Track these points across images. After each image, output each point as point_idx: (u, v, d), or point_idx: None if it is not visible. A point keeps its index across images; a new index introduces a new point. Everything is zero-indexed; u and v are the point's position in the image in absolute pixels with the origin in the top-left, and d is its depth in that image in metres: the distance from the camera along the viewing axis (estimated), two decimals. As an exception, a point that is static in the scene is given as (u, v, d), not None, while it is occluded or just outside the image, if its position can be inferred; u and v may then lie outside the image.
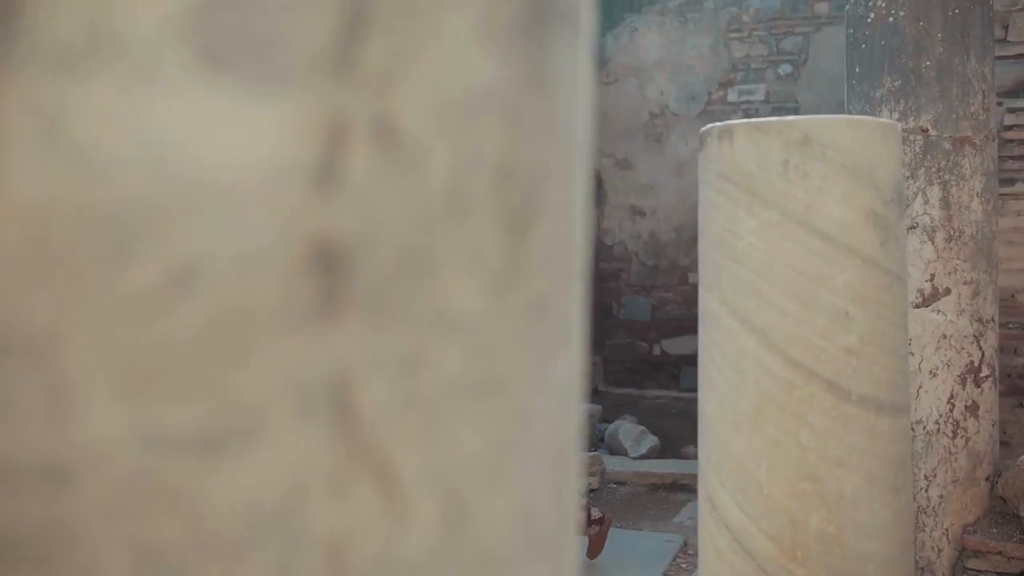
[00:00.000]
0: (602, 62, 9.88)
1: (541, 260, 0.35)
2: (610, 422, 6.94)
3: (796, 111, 8.74)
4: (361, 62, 0.29)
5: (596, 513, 4.35)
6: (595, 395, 9.36)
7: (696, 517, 4.82)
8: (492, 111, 0.32)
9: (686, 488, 5.58)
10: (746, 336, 1.76)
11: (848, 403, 1.70)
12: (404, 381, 0.30)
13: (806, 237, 1.70)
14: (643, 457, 5.94)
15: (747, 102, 9.55)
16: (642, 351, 9.74)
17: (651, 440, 6.14)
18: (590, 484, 5.35)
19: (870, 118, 1.89)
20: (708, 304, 1.85)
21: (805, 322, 1.71)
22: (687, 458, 6.50)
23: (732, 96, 9.69)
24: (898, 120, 3.10)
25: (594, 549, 4.27)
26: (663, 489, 5.54)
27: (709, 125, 1.86)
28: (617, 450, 6.20)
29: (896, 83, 3.06)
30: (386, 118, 0.29)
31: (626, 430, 6.33)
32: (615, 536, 4.43)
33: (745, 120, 1.79)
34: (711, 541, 1.86)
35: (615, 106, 9.86)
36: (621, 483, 5.61)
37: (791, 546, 1.72)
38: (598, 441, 6.65)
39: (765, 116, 5.61)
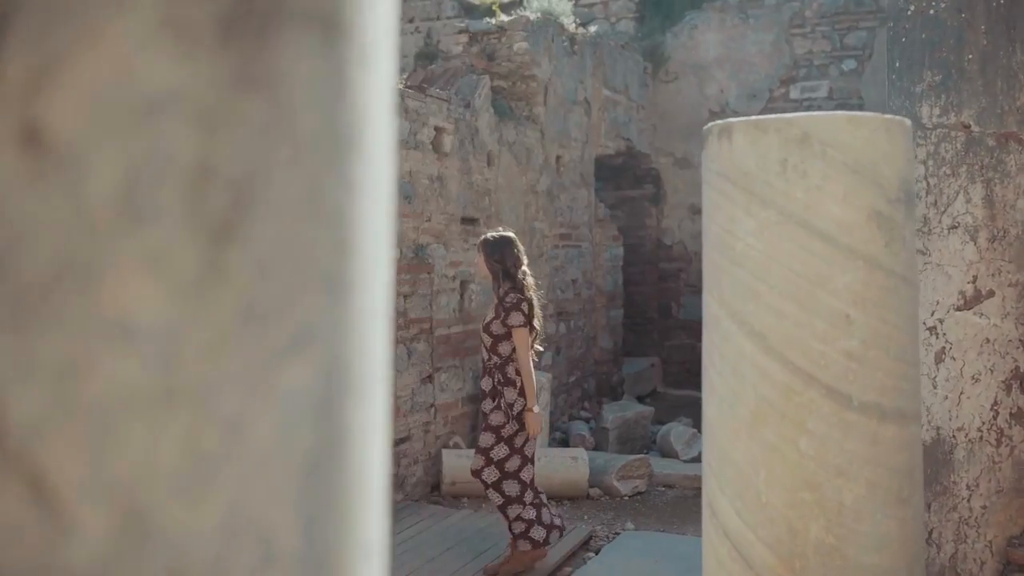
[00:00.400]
0: (661, 60, 9.78)
1: (252, 267, 0.34)
2: (665, 424, 6.87)
3: (860, 107, 8.50)
4: (1, 71, 0.28)
5: (538, 533, 3.95)
6: (653, 397, 9.29)
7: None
8: (181, 113, 0.32)
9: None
10: (744, 339, 1.72)
11: (849, 409, 1.65)
12: (62, 390, 0.30)
13: (805, 238, 1.65)
14: (694, 460, 5.85)
15: (809, 99, 9.33)
16: (702, 352, 9.58)
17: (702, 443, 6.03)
18: (636, 487, 5.29)
19: (873, 114, 1.82)
20: (709, 306, 1.81)
21: (804, 325, 1.66)
22: (739, 462, 6.39)
23: (794, 93, 9.48)
24: (939, 116, 2.99)
25: (508, 565, 3.90)
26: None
27: (710, 124, 1.82)
28: (668, 452, 6.13)
29: (937, 78, 2.95)
30: (33, 125, 0.29)
31: (678, 432, 6.26)
32: (655, 540, 4.38)
33: (744, 118, 1.74)
34: (712, 549, 1.82)
35: (674, 104, 9.74)
36: (669, 486, 5.53)
37: (789, 556, 1.68)
38: (650, 443, 6.59)
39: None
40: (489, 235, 4.16)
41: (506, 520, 3.94)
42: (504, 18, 6.81)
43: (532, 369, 4.05)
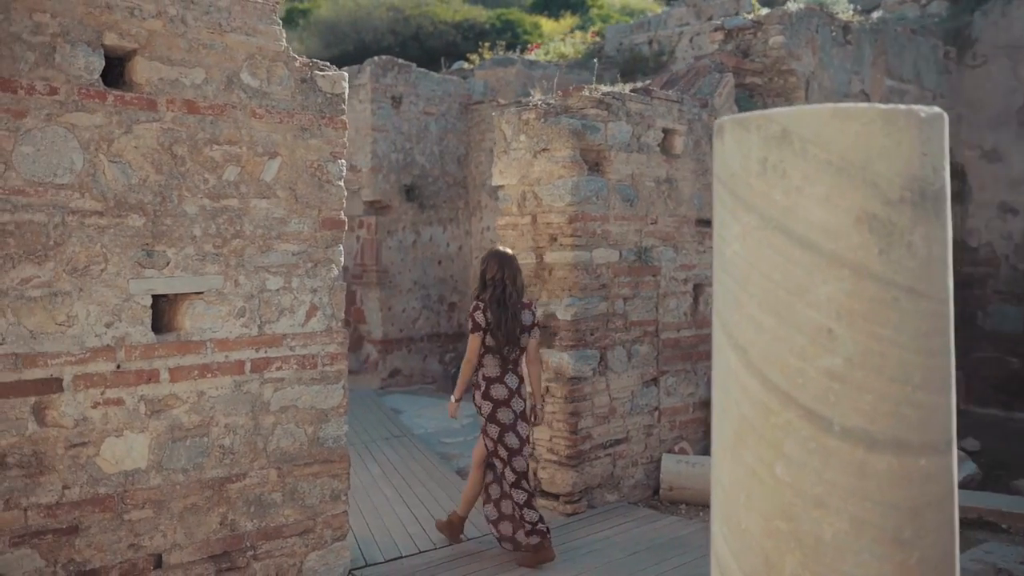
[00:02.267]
0: (967, 43, 8.69)
1: None
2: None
3: None
4: None
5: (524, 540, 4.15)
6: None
7: (989, 560, 4.19)
8: None
9: (990, 526, 4.82)
10: (731, 352, 1.64)
11: (829, 434, 1.50)
12: None
13: (784, 244, 1.54)
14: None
15: None
16: (1012, 367, 8.42)
17: (969, 468, 5.36)
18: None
19: (866, 106, 1.59)
20: (712, 318, 1.73)
21: (782, 339, 1.55)
22: (1017, 492, 5.57)
23: None
24: None
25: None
26: (962, 525, 4.84)
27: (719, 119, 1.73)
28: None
29: None
30: None
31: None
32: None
33: (735, 115, 1.64)
34: (712, 570, 1.74)
35: (982, 91, 8.61)
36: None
37: (764, 589, 1.56)
38: None
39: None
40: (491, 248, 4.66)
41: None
42: (762, 12, 6.53)
43: (469, 368, 4.34)
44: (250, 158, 3.42)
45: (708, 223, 5.77)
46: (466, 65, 14.17)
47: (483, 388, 4.26)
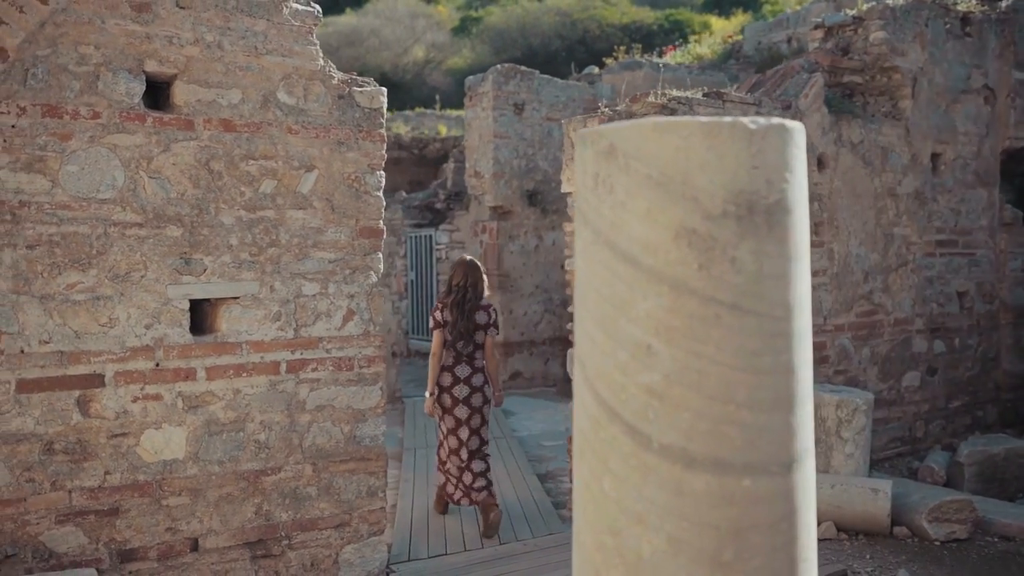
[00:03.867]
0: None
1: None
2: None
3: None
4: None
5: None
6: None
7: None
8: None
9: None
10: (577, 367, 1.66)
11: (648, 451, 1.51)
12: None
13: (610, 259, 1.55)
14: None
15: None
16: None
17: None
18: (953, 532, 4.55)
19: (687, 119, 1.54)
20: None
21: (608, 354, 1.56)
22: None
23: None
24: None
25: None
26: None
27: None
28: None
29: None
30: None
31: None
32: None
33: (582, 131, 1.65)
34: (577, 584, 1.76)
35: None
36: (1007, 538, 4.62)
37: (594, 603, 1.58)
38: (984, 481, 5.44)
39: None
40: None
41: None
42: (864, 6, 6.22)
43: (435, 361, 4.97)
44: (286, 171, 3.64)
45: (791, 228, 5.57)
46: (596, 70, 14.19)
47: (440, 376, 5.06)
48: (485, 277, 5.17)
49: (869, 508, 4.66)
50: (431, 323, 4.99)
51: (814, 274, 5.63)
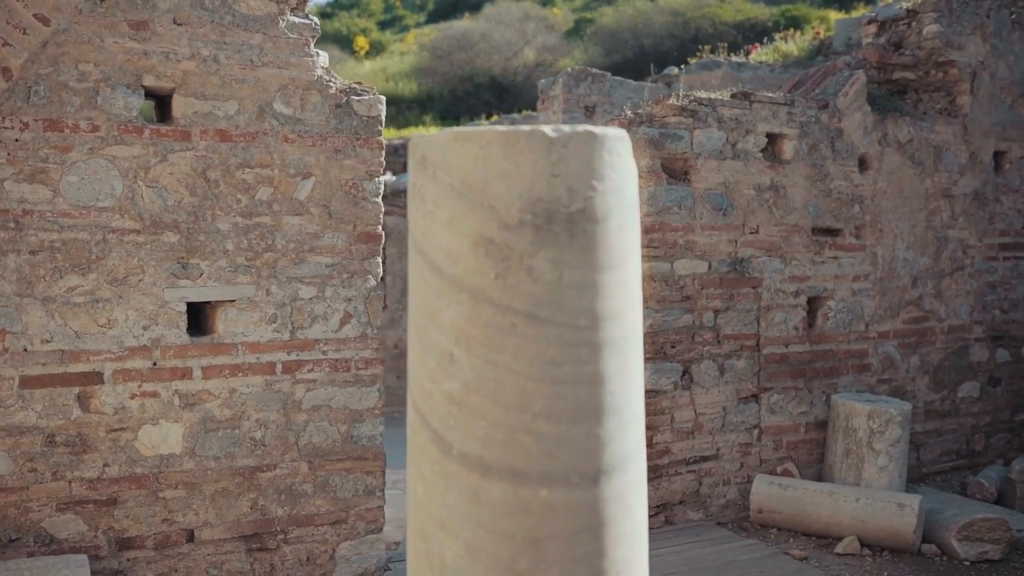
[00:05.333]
0: None
1: None
2: None
3: None
4: None
5: None
6: None
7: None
8: None
9: None
10: (409, 374, 1.70)
11: (449, 458, 1.53)
12: None
13: (423, 267, 1.59)
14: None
15: None
16: None
17: None
18: (985, 553, 4.32)
19: (486, 129, 1.53)
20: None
21: (420, 362, 1.60)
22: None
23: None
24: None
25: None
26: None
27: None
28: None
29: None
30: None
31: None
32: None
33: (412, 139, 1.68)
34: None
35: None
36: (1049, 563, 4.34)
37: (412, 608, 1.61)
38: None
39: None
40: None
41: None
42: (918, -2, 5.94)
43: None
44: (283, 179, 3.78)
45: (827, 232, 5.38)
46: (676, 70, 13.98)
47: None
48: None
49: (894, 523, 4.47)
50: None
51: (854, 279, 5.43)
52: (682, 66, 13.43)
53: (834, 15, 22.50)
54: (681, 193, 4.83)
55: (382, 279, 10.06)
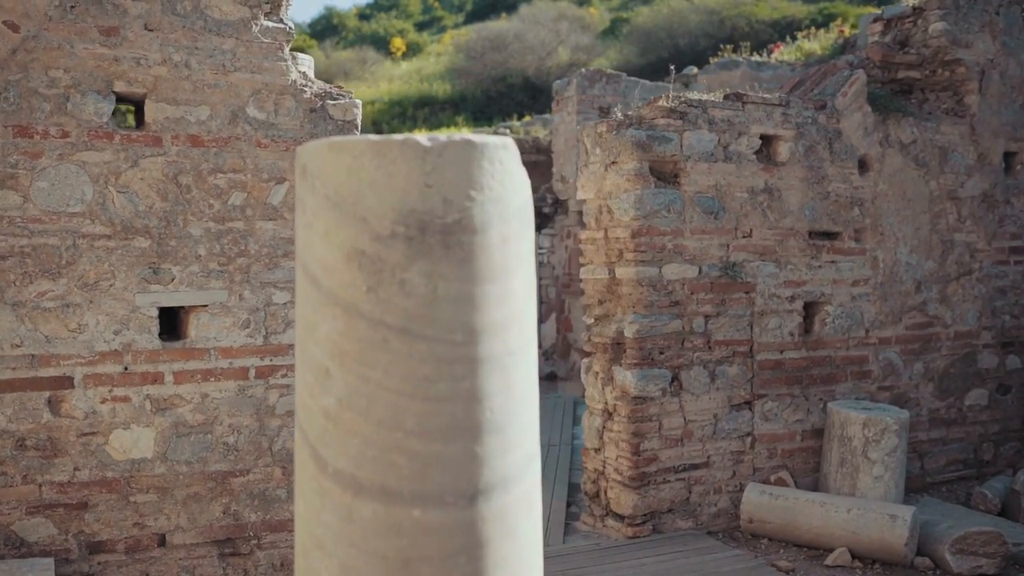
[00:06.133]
0: None
1: None
2: None
3: None
4: None
5: None
6: None
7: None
8: None
9: None
10: (299, 386, 1.67)
11: (325, 475, 1.50)
12: None
13: (304, 280, 1.56)
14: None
15: None
16: None
17: None
18: (979, 567, 4.19)
19: (359, 138, 1.49)
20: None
21: (302, 377, 1.57)
22: None
23: None
24: None
25: None
26: None
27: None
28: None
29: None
30: None
31: None
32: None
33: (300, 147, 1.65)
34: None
35: None
36: (1047, 578, 4.20)
37: (295, 625, 1.58)
38: None
39: None
40: None
41: None
42: (925, -5, 5.78)
43: None
44: (256, 184, 3.77)
45: (824, 235, 5.27)
46: (695, 70, 13.83)
47: None
48: None
49: (885, 536, 4.35)
50: None
51: (853, 283, 5.31)
52: (705, 66, 13.29)
53: (874, 11, 22.16)
54: (670, 196, 4.75)
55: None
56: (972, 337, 5.80)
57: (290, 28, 3.85)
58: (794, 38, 15.29)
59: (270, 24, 3.80)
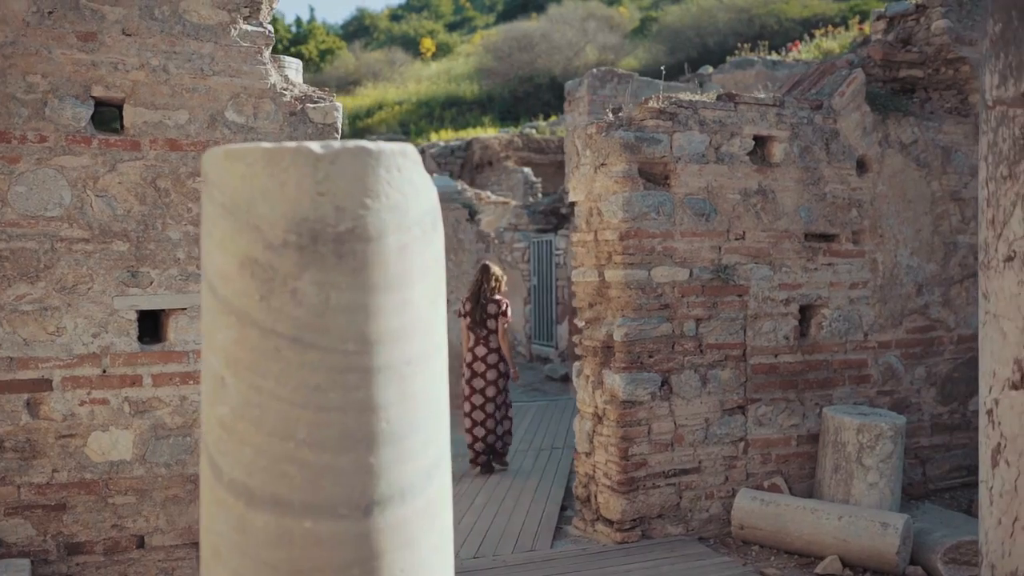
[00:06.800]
0: None
1: None
2: None
3: None
4: None
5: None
6: None
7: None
8: None
9: None
10: (208, 394, 1.66)
11: (220, 485, 1.50)
12: None
13: (205, 289, 1.55)
14: None
15: None
16: None
17: None
18: (972, 579, 4.10)
19: (253, 145, 1.47)
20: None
21: (204, 385, 1.56)
22: None
23: None
24: (998, 86, 1.92)
25: None
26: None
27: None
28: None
29: (997, 27, 1.92)
30: None
31: None
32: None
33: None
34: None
35: None
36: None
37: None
38: None
39: None
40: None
41: None
42: (929, -7, 5.67)
43: (463, 342, 6.66)
44: (235, 187, 3.78)
45: (821, 237, 5.19)
46: (710, 69, 13.72)
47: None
48: (502, 278, 6.67)
49: (876, 544, 4.28)
50: (456, 313, 6.61)
51: (851, 286, 5.22)
52: (720, 65, 13.17)
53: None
54: (659, 198, 4.70)
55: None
56: (976, 341, 5.68)
57: (269, 32, 3.86)
58: (812, 36, 15.10)
59: (249, 28, 3.81)
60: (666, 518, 4.78)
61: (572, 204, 5.48)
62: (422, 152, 19.56)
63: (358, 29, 44.86)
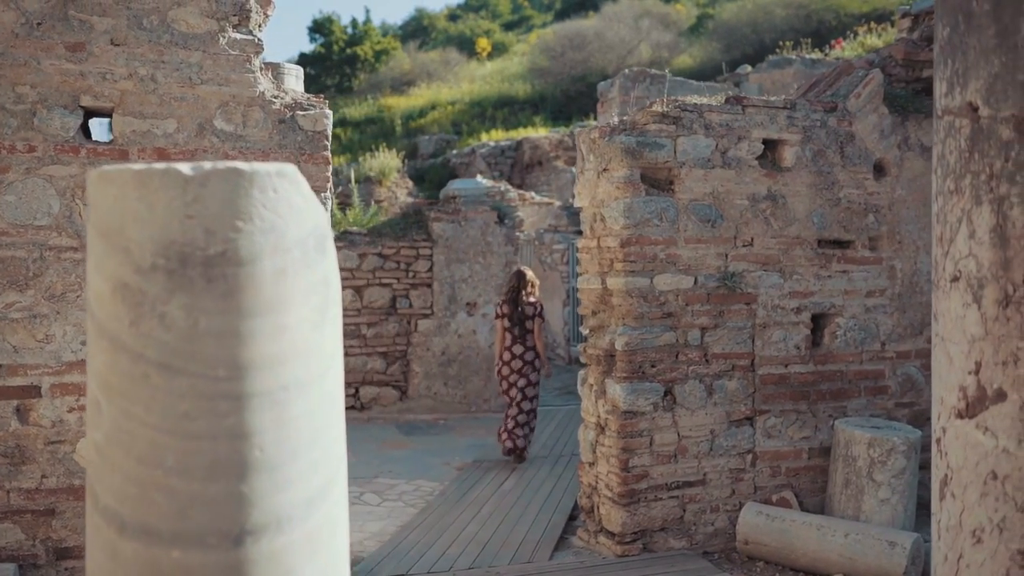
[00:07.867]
0: None
1: None
2: None
3: None
4: None
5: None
6: None
7: None
8: None
9: None
10: (102, 416, 1.65)
11: (96, 511, 1.48)
12: None
13: (88, 312, 1.53)
14: None
15: None
16: None
17: None
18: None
19: (124, 168, 1.44)
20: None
21: (87, 410, 1.54)
22: None
23: None
24: (946, 95, 1.82)
25: None
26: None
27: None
28: None
29: (945, 32, 1.81)
30: None
31: None
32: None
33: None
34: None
35: None
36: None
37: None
38: None
39: None
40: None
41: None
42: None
43: (499, 342, 7.09)
44: (224, 196, 3.79)
45: (835, 244, 5.03)
46: (748, 68, 13.47)
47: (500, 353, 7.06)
48: (536, 282, 7.23)
49: (883, 563, 4.13)
50: (494, 315, 7.28)
51: (867, 294, 5.06)
52: (758, 64, 12.92)
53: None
54: (662, 204, 4.61)
55: (429, 285, 9.93)
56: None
57: (259, 40, 3.86)
58: (856, 33, 14.74)
59: (238, 36, 3.82)
60: (669, 531, 4.68)
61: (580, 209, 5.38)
62: (472, 152, 19.56)
63: (417, 29, 45.10)
